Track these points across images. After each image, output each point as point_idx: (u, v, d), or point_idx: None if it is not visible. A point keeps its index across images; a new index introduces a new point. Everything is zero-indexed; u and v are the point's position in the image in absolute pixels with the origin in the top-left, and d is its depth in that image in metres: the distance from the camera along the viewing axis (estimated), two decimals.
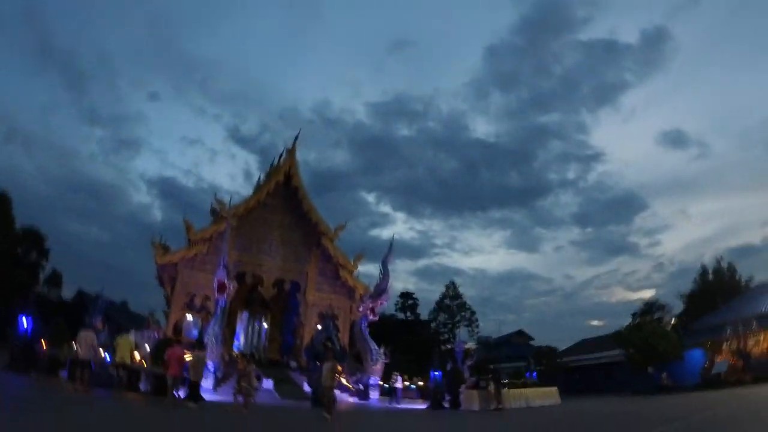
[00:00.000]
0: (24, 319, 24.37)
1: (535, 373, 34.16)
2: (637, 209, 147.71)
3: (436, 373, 30.09)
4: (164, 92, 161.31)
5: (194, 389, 19.36)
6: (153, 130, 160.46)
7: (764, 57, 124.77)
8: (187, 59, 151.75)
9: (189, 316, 37.09)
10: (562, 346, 71.23)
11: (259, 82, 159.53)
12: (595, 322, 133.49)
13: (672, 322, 54.08)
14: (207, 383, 28.24)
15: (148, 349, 28.09)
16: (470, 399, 25.50)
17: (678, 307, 64.01)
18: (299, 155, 41.32)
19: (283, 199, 41.85)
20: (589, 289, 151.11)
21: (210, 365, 28.65)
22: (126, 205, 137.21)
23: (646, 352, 43.80)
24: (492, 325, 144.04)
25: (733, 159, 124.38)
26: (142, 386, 22.84)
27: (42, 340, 23.61)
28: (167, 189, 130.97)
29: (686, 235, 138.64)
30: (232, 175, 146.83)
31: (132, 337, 21.95)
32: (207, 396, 23.97)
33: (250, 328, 48.46)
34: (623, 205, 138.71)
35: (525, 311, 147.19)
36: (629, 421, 15.48)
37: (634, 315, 59.41)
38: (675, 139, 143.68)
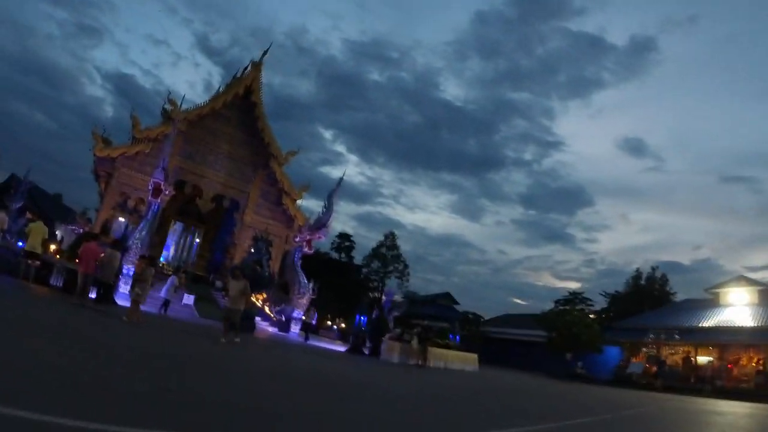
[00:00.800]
0: None
1: (458, 337, 33.65)
2: (582, 204, 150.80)
3: (362, 318, 29.11)
4: None
5: (104, 290, 17.81)
6: (119, 22, 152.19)
7: (741, 90, 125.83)
8: None
9: (121, 219, 35.15)
10: (485, 316, 72.64)
11: None
12: (518, 300, 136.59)
13: (591, 316, 54.96)
14: (125, 288, 26.77)
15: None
16: (391, 350, 24.63)
17: (600, 303, 66.46)
18: (264, 76, 39.14)
19: (239, 113, 39.73)
20: (518, 268, 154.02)
21: (129, 270, 27.04)
22: (77, 96, 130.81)
23: (568, 339, 44.39)
24: (420, 282, 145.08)
25: (683, 179, 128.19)
26: (52, 280, 21.09)
27: None
28: (123, 86, 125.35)
29: (622, 239, 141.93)
30: (193, 83, 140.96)
31: (45, 226, 19.78)
32: (122, 302, 22.49)
33: (181, 241, 46.78)
34: (570, 197, 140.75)
35: (454, 276, 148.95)
36: (569, 408, 14.68)
37: (557, 302, 60.37)
38: (634, 147, 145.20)
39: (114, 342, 9.82)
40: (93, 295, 17.77)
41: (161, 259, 43.99)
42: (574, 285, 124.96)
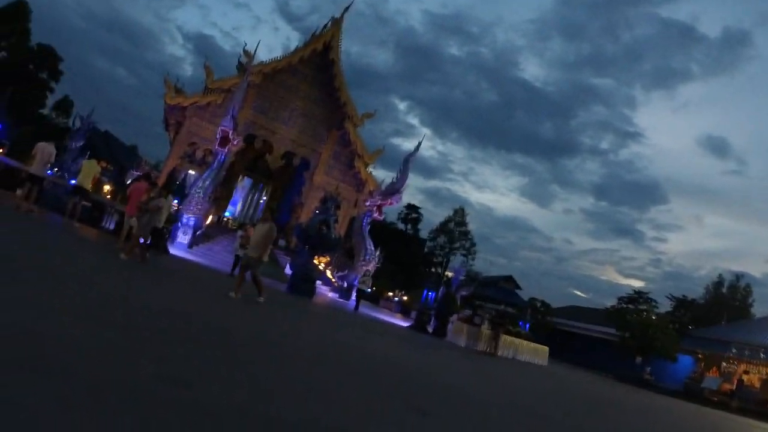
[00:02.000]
0: None
1: (528, 325, 30.74)
2: (656, 200, 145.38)
3: (429, 293, 26.59)
4: None
5: (154, 237, 15.85)
6: None
7: None
8: None
9: (190, 172, 33.56)
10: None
11: None
12: (578, 293, 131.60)
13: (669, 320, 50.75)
14: (183, 239, 25.15)
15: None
16: (459, 332, 22.09)
17: (664, 306, 61.25)
18: (343, 43, 36.70)
19: (316, 70, 37.55)
20: (582, 260, 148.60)
21: (189, 220, 25.39)
22: (158, 54, 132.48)
23: (641, 341, 40.80)
24: (482, 263, 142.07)
25: (765, 187, 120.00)
26: (104, 223, 19.38)
27: (3, 149, 19.95)
28: (203, 47, 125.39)
29: (693, 241, 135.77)
30: (271, 47, 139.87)
31: (97, 164, 17.89)
32: (179, 252, 20.73)
33: (249, 197, 45.30)
34: (644, 192, 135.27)
35: (516, 260, 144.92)
36: None
37: (621, 299, 56.02)
38: (717, 146, 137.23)
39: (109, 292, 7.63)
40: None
41: (227, 213, 42.69)
42: (637, 283, 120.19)
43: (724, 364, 41.58)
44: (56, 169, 21.75)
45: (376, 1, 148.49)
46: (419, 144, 31.50)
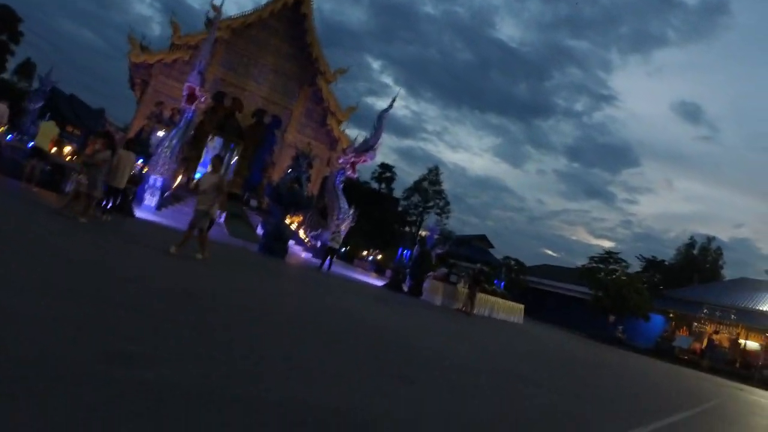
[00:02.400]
0: None
1: (503, 284, 30.51)
2: (628, 163, 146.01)
3: (404, 251, 26.14)
4: None
5: (118, 198, 15.08)
6: None
7: None
8: None
9: (159, 132, 32.36)
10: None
11: None
12: (549, 252, 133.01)
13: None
14: (151, 201, 24.26)
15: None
16: (434, 291, 21.79)
17: (634, 267, 61.85)
18: (315, 1, 35.40)
19: (287, 24, 36.23)
20: (554, 220, 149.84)
21: (156, 181, 24.45)
22: (125, 14, 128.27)
23: (615, 300, 41.11)
24: (455, 222, 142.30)
25: (736, 154, 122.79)
26: (65, 186, 18.38)
27: None
28: (171, 4, 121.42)
29: (663, 205, 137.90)
30: (242, 5, 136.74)
31: (55, 126, 16.84)
32: (144, 215, 19.95)
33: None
34: (616, 155, 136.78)
35: (489, 219, 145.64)
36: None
37: (592, 258, 56.26)
38: (690, 112, 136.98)
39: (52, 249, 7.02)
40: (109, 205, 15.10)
41: (197, 175, 41.60)
42: (608, 244, 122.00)
43: (695, 324, 42.40)
44: (14, 132, 20.79)
45: None
46: (393, 100, 30.79)
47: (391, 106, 30.41)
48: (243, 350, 4.60)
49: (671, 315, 44.55)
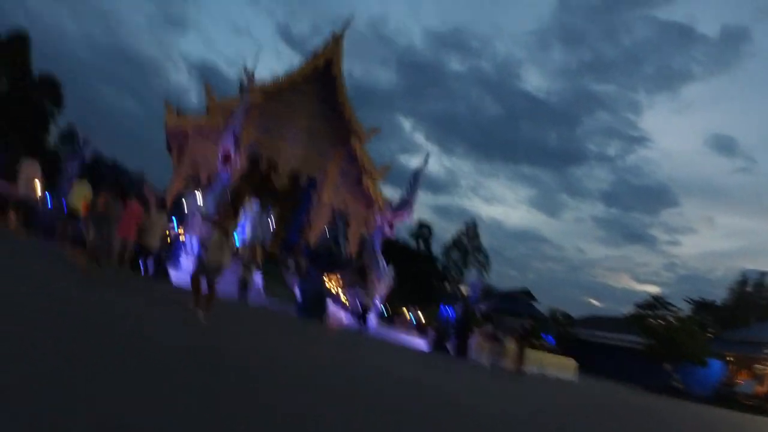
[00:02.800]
0: None
1: (551, 338, 28.82)
2: (666, 204, 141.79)
3: (448, 309, 25.00)
4: None
5: (143, 257, 14.48)
6: (203, 13, 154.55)
7: None
8: None
9: (198, 195, 32.28)
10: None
11: None
12: (594, 301, 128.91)
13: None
14: (186, 262, 23.77)
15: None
16: (481, 349, 20.60)
17: (684, 310, 59.19)
18: (345, 64, 35.61)
19: (319, 86, 36.32)
20: (596, 268, 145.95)
21: (191, 242, 24.05)
22: (164, 83, 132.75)
23: (669, 347, 38.91)
24: (496, 276, 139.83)
25: None
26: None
27: None
28: (207, 74, 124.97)
29: (706, 243, 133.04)
30: (275, 72, 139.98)
31: (88, 187, 16.45)
32: (181, 276, 19.35)
33: (257, 220, 43.92)
34: (653, 196, 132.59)
35: (529, 272, 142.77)
36: None
37: (638, 305, 53.88)
38: (724, 145, 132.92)
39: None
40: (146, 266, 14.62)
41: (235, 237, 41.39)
42: (653, 289, 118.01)
43: (757, 366, 39.71)
44: (52, 193, 20.66)
45: (375, 21, 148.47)
46: (427, 156, 30.21)
47: (426, 162, 29.84)
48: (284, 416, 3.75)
49: (730, 358, 41.92)
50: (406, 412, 6.15)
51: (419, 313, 38.28)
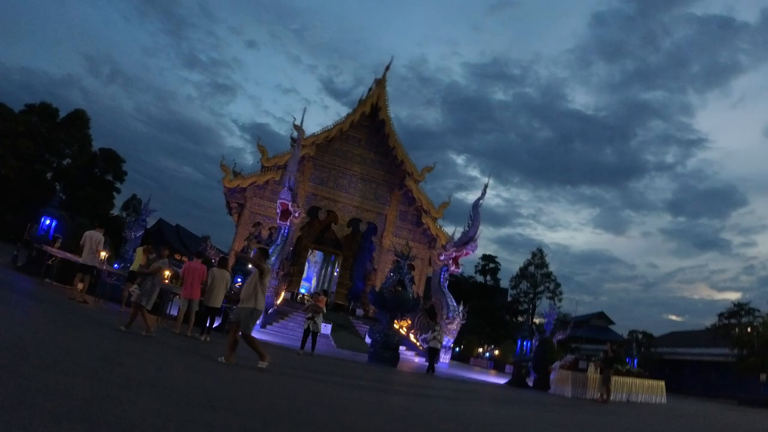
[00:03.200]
0: (48, 220, 20.28)
1: (635, 361, 27.29)
2: (735, 204, 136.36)
3: (524, 343, 24.06)
4: (261, 40, 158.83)
5: (210, 316, 14.32)
6: (249, 77, 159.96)
7: None
8: (284, 7, 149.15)
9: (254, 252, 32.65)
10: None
11: (355, 35, 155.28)
12: (673, 317, 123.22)
13: None
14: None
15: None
16: (563, 381, 19.56)
17: None
18: (391, 109, 35.86)
19: (368, 132, 36.65)
20: (671, 282, 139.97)
21: None
22: (219, 147, 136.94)
23: (764, 356, 36.43)
24: (568, 303, 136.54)
25: None
26: (168, 309, 18.08)
27: (57, 242, 19.19)
28: (260, 134, 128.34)
29: None
30: (324, 125, 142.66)
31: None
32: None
33: (322, 270, 44.00)
34: (720, 198, 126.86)
35: (602, 294, 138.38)
36: None
37: (721, 315, 50.89)
38: None
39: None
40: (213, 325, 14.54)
41: (302, 290, 41.52)
42: (734, 296, 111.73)
43: None
44: (118, 260, 21.12)
45: (415, 63, 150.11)
46: (485, 189, 29.65)
47: (483, 194, 29.31)
48: None
49: None
50: None
51: (493, 349, 37.17)
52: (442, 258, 29.73)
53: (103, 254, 15.16)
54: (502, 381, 22.31)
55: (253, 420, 4.60)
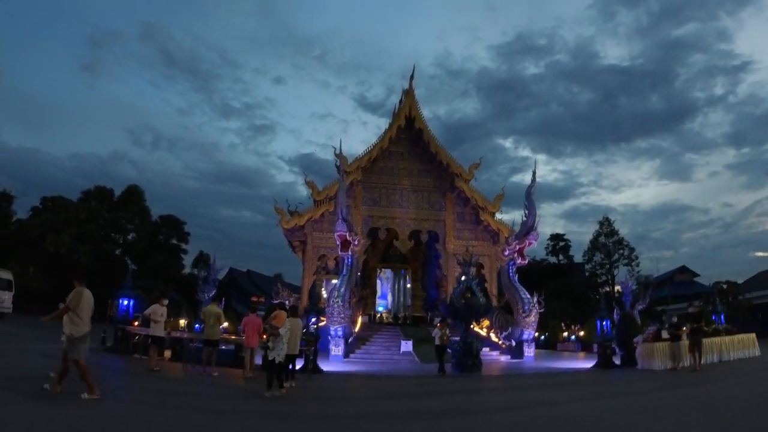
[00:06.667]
0: (125, 301, 21.50)
1: (722, 317, 26.09)
2: None
3: (603, 322, 23.61)
4: (287, 74, 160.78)
5: (289, 364, 14.76)
6: (284, 112, 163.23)
7: None
8: (300, 38, 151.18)
9: (334, 281, 33.16)
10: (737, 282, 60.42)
11: (375, 46, 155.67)
12: (760, 253, 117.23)
13: None
14: (337, 351, 24.25)
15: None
16: (649, 354, 19.11)
17: None
18: (428, 110, 36.08)
19: (409, 144, 36.89)
20: (750, 217, 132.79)
21: (336, 331, 24.64)
22: (271, 186, 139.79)
23: None
24: (648, 263, 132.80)
25: None
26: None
27: (137, 320, 20.23)
28: (307, 164, 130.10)
29: None
30: (367, 141, 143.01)
31: (218, 307, 17.33)
32: (333, 367, 19.63)
33: (395, 286, 44.29)
34: None
35: (682, 246, 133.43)
36: None
37: None
38: None
39: None
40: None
41: (381, 308, 41.93)
42: None
43: None
44: (198, 322, 22.08)
45: (441, 59, 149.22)
46: (534, 173, 29.28)
47: (533, 180, 28.98)
48: None
49: None
50: None
51: (579, 330, 36.55)
52: (506, 253, 29.49)
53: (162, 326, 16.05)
54: (589, 364, 21.97)
55: None
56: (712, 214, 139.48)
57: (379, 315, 40.32)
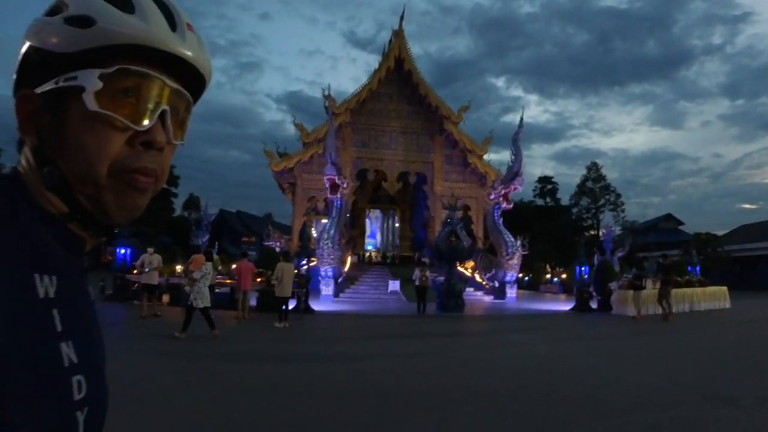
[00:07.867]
0: (122, 250, 22.20)
1: (698, 267, 26.94)
2: None
3: (582, 267, 24.59)
4: (273, 10, 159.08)
5: (283, 304, 15.64)
6: (271, 49, 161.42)
7: None
8: None
9: (323, 221, 33.89)
10: (717, 234, 61.18)
11: None
12: (747, 205, 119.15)
13: None
14: (327, 290, 25.23)
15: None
16: (623, 301, 20.10)
17: None
18: (419, 47, 36.15)
19: (398, 86, 37.00)
20: (739, 169, 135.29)
21: (326, 272, 25.54)
22: (260, 125, 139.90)
23: None
24: (635, 208, 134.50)
25: None
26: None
27: (135, 269, 21.03)
28: (295, 102, 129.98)
29: None
30: (356, 78, 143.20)
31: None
32: (324, 307, 20.54)
33: (384, 225, 45.18)
34: None
35: (670, 193, 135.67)
36: None
37: None
38: None
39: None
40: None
41: (370, 246, 42.93)
42: None
43: None
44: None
45: None
46: (521, 118, 29.68)
47: (521, 125, 29.42)
48: None
49: None
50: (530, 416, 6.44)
51: (561, 273, 37.64)
52: (492, 197, 30.21)
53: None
54: (568, 306, 23.01)
55: None
56: (701, 164, 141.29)
57: (368, 254, 41.30)
